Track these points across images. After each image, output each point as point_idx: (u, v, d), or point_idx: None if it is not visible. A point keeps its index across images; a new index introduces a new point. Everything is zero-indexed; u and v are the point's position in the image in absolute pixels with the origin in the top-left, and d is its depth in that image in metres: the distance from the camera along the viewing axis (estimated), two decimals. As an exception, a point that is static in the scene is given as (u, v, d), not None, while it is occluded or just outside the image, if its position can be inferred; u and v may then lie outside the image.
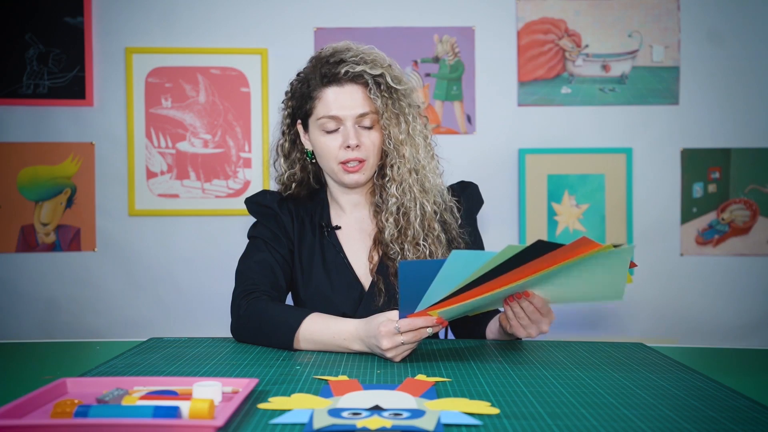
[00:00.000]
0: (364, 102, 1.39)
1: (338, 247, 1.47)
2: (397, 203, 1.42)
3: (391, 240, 1.42)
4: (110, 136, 2.46)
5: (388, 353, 1.12)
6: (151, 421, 0.75)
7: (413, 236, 1.41)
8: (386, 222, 1.42)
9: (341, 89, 1.39)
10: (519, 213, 2.50)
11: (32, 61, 2.42)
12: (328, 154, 1.41)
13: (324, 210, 1.51)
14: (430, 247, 1.42)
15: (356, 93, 1.39)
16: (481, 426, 0.79)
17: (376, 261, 1.46)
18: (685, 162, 2.49)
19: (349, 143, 1.38)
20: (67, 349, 1.42)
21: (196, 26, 2.46)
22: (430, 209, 1.43)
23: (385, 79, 1.39)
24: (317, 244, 1.48)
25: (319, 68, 1.42)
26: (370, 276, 1.45)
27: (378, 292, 1.43)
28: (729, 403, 0.91)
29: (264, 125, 2.47)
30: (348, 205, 1.51)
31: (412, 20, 2.48)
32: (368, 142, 1.41)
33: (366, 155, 1.41)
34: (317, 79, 1.41)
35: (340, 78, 1.39)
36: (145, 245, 2.46)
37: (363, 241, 1.49)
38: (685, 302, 2.49)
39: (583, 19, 2.49)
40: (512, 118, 2.50)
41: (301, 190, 1.52)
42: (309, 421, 0.78)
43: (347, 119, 1.39)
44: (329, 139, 1.41)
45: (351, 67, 1.38)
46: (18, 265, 2.45)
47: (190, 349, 1.25)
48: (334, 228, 1.49)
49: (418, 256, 1.41)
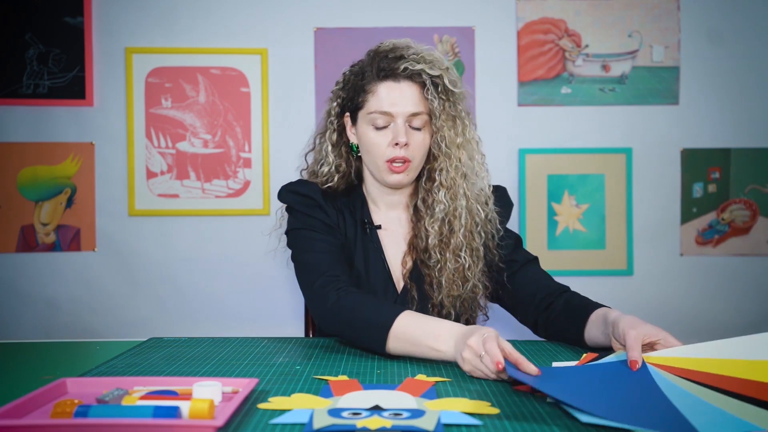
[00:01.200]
0: (419, 101, 1.36)
1: (378, 247, 1.44)
2: (444, 210, 1.38)
3: (433, 247, 1.39)
4: (110, 136, 2.46)
5: (464, 365, 1.05)
6: (151, 421, 0.75)
7: (456, 246, 1.38)
8: (430, 228, 1.39)
9: (397, 85, 1.36)
10: (519, 213, 2.50)
11: (32, 61, 2.42)
12: (375, 151, 1.38)
13: (363, 206, 1.47)
14: (469, 260, 1.38)
15: (412, 91, 1.36)
16: (481, 426, 0.79)
17: (410, 266, 1.43)
18: (685, 162, 2.49)
19: (398, 140, 1.34)
20: (67, 349, 1.42)
21: (196, 26, 2.46)
22: (474, 220, 1.40)
23: (442, 80, 1.36)
24: (359, 240, 1.44)
25: (377, 62, 1.38)
26: (403, 281, 1.42)
27: (411, 299, 1.40)
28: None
29: (264, 125, 2.47)
30: (385, 205, 1.48)
31: (412, 20, 2.48)
32: (417, 143, 1.37)
33: (413, 156, 1.37)
34: (373, 73, 1.37)
35: (398, 74, 1.35)
36: (145, 245, 2.46)
37: (398, 243, 1.46)
38: (685, 302, 2.49)
39: (583, 19, 2.49)
40: (512, 118, 2.50)
41: (341, 183, 1.47)
42: (309, 421, 0.78)
43: (399, 116, 1.35)
44: (378, 135, 1.37)
45: (411, 64, 1.34)
46: (18, 265, 2.45)
47: (190, 349, 1.25)
48: (376, 227, 1.45)
49: (457, 268, 1.38)
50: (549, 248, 2.49)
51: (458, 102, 1.39)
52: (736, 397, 0.88)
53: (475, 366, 1.03)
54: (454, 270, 1.38)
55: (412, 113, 1.36)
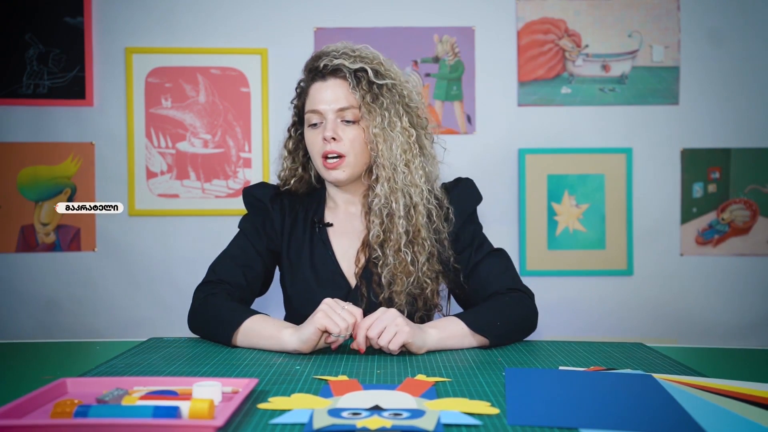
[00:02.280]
0: (347, 97, 1.39)
1: (327, 244, 1.46)
2: (379, 204, 1.39)
3: (375, 243, 1.39)
4: (110, 136, 2.46)
5: (318, 316, 1.16)
6: (151, 421, 0.75)
7: (396, 240, 1.38)
8: (371, 224, 1.40)
9: (324, 83, 1.41)
10: (519, 213, 2.50)
11: (32, 61, 2.42)
12: (312, 149, 1.43)
13: (319, 206, 1.51)
14: (412, 255, 1.38)
15: (338, 87, 1.40)
16: (481, 426, 0.79)
17: (363, 263, 1.44)
18: (685, 162, 2.49)
19: (325, 135, 1.38)
20: (67, 349, 1.42)
21: (196, 26, 2.46)
22: (415, 211, 1.39)
23: (366, 73, 1.39)
24: (307, 239, 1.47)
25: (308, 66, 1.45)
26: (355, 279, 1.44)
27: (360, 296, 1.41)
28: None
29: (264, 125, 2.47)
30: (342, 203, 1.51)
31: (412, 20, 2.48)
32: (348, 137, 1.39)
33: (345, 150, 1.39)
34: (306, 77, 1.45)
35: (322, 72, 1.40)
36: (145, 245, 2.46)
37: (352, 241, 1.47)
38: (685, 302, 2.49)
39: (583, 19, 2.49)
40: (512, 118, 2.49)
41: (300, 186, 1.52)
42: (309, 421, 0.78)
43: (328, 113, 1.39)
44: (313, 133, 1.42)
45: (330, 60, 1.39)
46: (18, 265, 2.45)
47: (190, 349, 1.25)
48: (326, 225, 1.48)
49: (399, 263, 1.37)
50: (549, 248, 2.49)
51: (384, 94, 1.39)
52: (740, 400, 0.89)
53: (331, 312, 1.15)
54: (396, 265, 1.38)
55: (339, 108, 1.39)
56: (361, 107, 1.38)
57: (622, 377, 1.02)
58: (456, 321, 1.26)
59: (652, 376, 1.02)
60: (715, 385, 0.98)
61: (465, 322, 1.25)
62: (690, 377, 1.04)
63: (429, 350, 1.21)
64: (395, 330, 1.16)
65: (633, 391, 0.94)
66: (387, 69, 1.42)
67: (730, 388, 0.97)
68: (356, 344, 1.19)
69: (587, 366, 1.11)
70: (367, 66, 1.39)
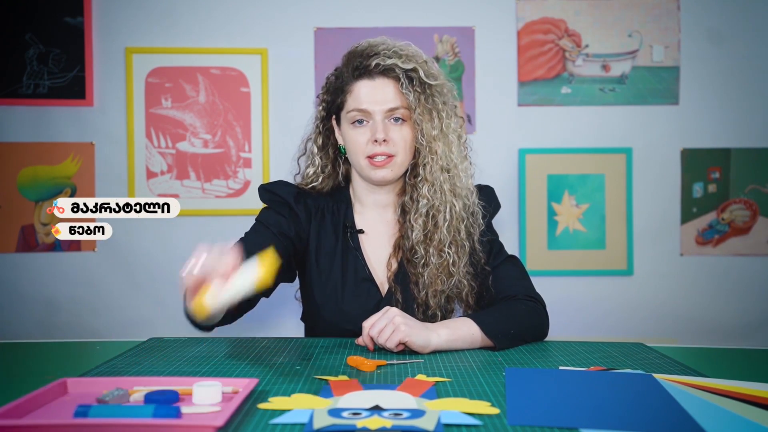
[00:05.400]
0: (396, 96, 1.36)
1: (360, 253, 1.43)
2: (427, 205, 1.37)
3: (417, 243, 1.38)
4: (110, 136, 2.45)
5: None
6: (151, 421, 0.75)
7: (439, 241, 1.37)
8: (414, 223, 1.38)
9: (372, 82, 1.36)
10: (519, 213, 2.50)
11: (32, 61, 2.42)
12: (356, 149, 1.38)
13: (348, 209, 1.46)
14: (454, 256, 1.38)
15: (387, 87, 1.36)
16: (481, 426, 0.79)
17: (395, 269, 1.42)
18: (685, 162, 2.49)
19: (376, 137, 1.35)
20: (67, 349, 1.42)
21: (196, 26, 2.46)
22: (458, 213, 1.38)
23: (418, 74, 1.36)
24: (339, 246, 1.43)
25: (352, 62, 1.39)
26: (388, 284, 1.41)
27: (395, 302, 1.39)
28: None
29: (264, 125, 2.47)
30: (373, 206, 1.46)
31: (412, 20, 2.48)
32: (398, 137, 1.37)
33: (395, 151, 1.37)
34: (349, 73, 1.39)
35: (371, 71, 1.36)
36: (145, 245, 2.46)
37: (383, 245, 1.45)
38: (685, 302, 2.49)
39: (583, 19, 2.49)
40: (512, 118, 2.49)
41: (326, 184, 1.47)
42: (309, 421, 0.78)
43: (376, 113, 1.36)
44: (358, 133, 1.37)
45: (382, 60, 1.35)
46: (18, 265, 2.45)
47: (190, 349, 1.25)
48: (358, 231, 1.45)
49: (441, 263, 1.37)
50: (549, 248, 2.49)
51: (436, 94, 1.38)
52: (740, 400, 0.89)
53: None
54: (439, 265, 1.37)
55: (389, 108, 1.36)
56: (415, 108, 1.36)
57: (622, 377, 1.02)
58: (470, 323, 1.25)
59: (652, 376, 1.02)
60: (715, 385, 0.98)
61: (480, 326, 1.24)
62: (690, 377, 1.04)
63: (435, 350, 1.21)
64: (392, 328, 1.16)
65: (633, 391, 0.94)
66: (435, 69, 1.40)
67: (730, 388, 0.97)
68: (361, 340, 1.21)
69: (587, 366, 1.11)
70: (419, 66, 1.36)
